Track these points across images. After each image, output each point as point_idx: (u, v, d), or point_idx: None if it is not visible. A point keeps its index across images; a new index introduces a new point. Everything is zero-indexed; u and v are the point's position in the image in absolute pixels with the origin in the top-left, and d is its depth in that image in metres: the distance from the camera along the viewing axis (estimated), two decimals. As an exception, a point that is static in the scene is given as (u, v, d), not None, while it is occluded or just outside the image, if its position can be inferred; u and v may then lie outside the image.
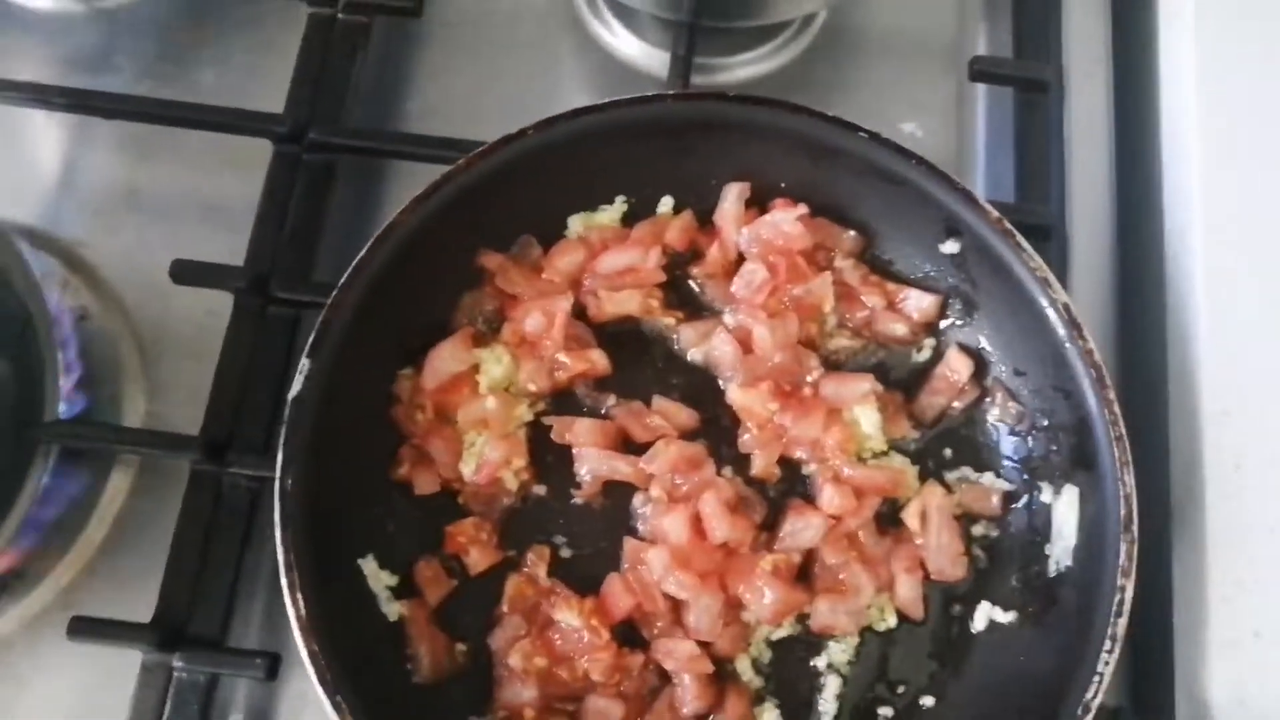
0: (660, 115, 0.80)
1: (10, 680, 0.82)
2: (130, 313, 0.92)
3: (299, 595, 0.68)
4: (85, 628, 0.77)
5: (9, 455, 0.71)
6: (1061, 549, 0.75)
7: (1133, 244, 0.91)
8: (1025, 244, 0.76)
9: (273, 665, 0.77)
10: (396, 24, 1.00)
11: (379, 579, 0.76)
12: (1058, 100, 0.92)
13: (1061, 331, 0.74)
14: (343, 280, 0.74)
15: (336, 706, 0.66)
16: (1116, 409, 0.72)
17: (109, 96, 0.91)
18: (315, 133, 0.89)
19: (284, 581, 0.68)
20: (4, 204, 0.93)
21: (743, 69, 1.00)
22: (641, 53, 1.01)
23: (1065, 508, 0.75)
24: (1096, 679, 0.66)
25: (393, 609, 0.75)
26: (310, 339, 0.73)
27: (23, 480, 0.74)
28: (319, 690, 0.67)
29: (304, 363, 0.72)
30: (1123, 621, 0.67)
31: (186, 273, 0.85)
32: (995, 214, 0.77)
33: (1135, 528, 0.69)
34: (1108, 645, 0.67)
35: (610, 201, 0.85)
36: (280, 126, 0.90)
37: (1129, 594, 0.68)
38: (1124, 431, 0.71)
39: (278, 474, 0.70)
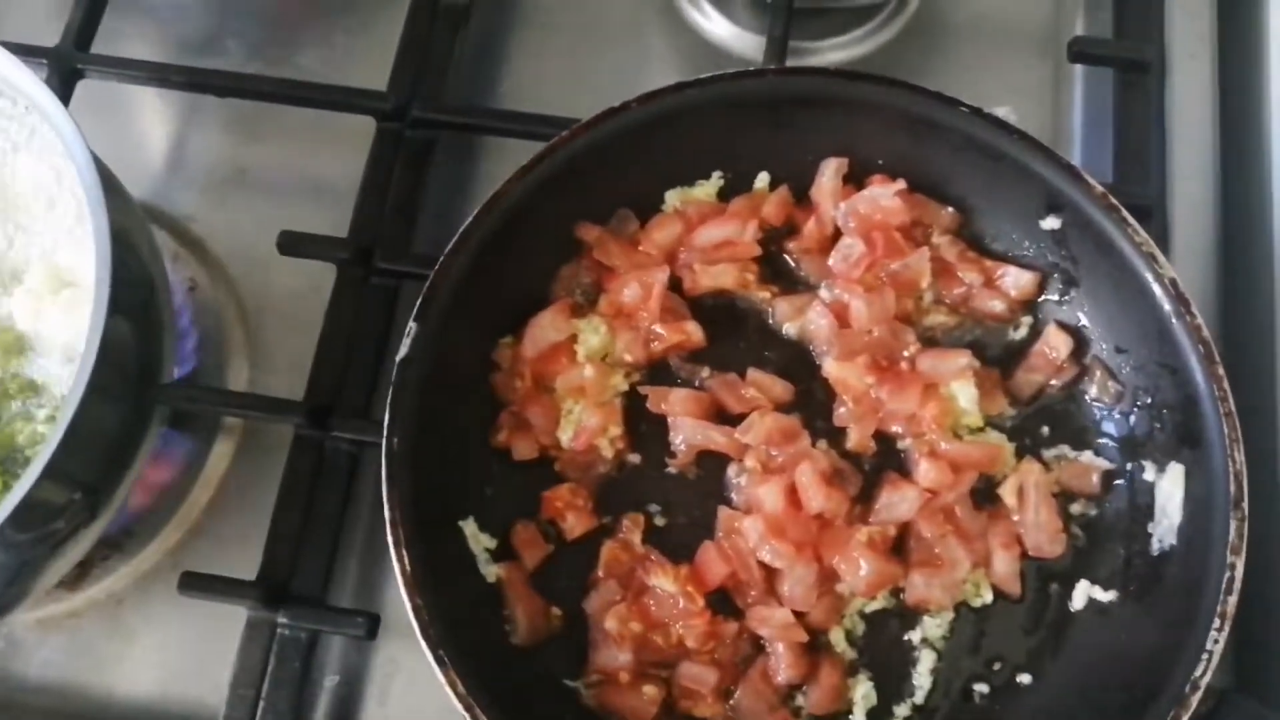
0: (760, 90, 0.80)
1: (121, 635, 0.85)
2: (236, 285, 0.95)
3: (404, 551, 0.70)
4: (194, 582, 0.80)
5: (129, 415, 0.74)
6: (1166, 527, 0.74)
7: (1238, 224, 0.89)
8: (1130, 218, 0.75)
9: (373, 625, 0.79)
10: (494, 5, 1.02)
11: (478, 540, 0.77)
12: (1159, 80, 0.91)
13: (1167, 307, 0.73)
14: (450, 246, 0.76)
15: (439, 661, 0.68)
16: (1225, 385, 0.70)
17: (224, 75, 0.95)
18: (418, 110, 0.92)
19: (390, 538, 0.70)
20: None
21: (835, 52, 1.00)
22: (734, 36, 1.01)
23: (1170, 486, 0.74)
24: (1205, 656, 0.65)
25: (491, 570, 0.77)
26: (417, 304, 0.75)
27: (141, 440, 0.77)
28: (422, 644, 0.68)
29: (411, 326, 0.74)
30: (1233, 599, 0.66)
31: (293, 244, 0.88)
32: (1099, 188, 0.76)
33: (1245, 505, 0.68)
34: (1216, 624, 0.66)
35: (707, 176, 0.86)
36: (384, 104, 0.92)
37: (1239, 571, 0.67)
38: (1233, 408, 0.70)
39: (384, 433, 0.72)
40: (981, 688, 0.75)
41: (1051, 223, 0.80)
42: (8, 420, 0.71)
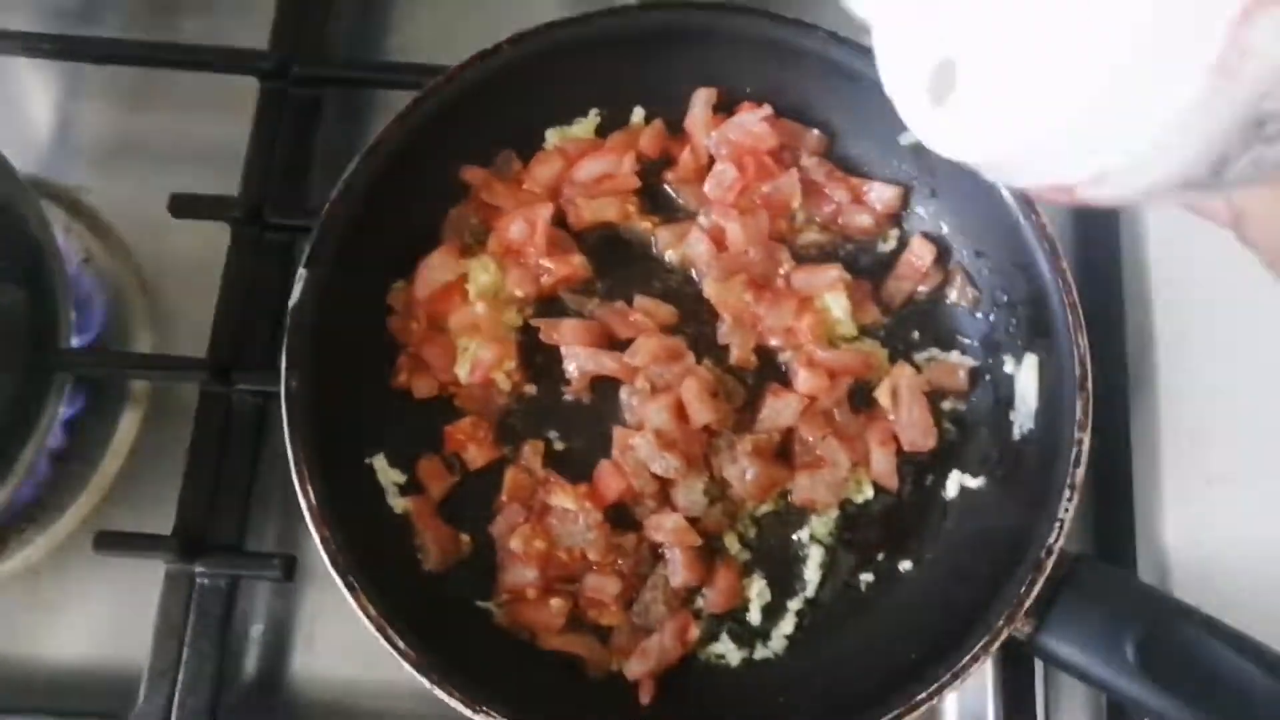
0: (628, 25, 0.83)
1: (40, 607, 0.86)
2: (132, 253, 0.95)
3: (308, 486, 0.72)
4: (109, 541, 0.81)
5: (26, 384, 0.75)
6: (1025, 413, 0.79)
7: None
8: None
9: (289, 565, 0.81)
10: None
11: (387, 475, 0.80)
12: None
13: (1016, 209, 0.78)
14: (333, 194, 0.78)
15: (350, 587, 0.71)
16: (1069, 277, 0.76)
17: (98, 42, 0.94)
18: (299, 67, 0.93)
19: (294, 475, 0.73)
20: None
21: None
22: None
23: (1027, 375, 0.79)
24: (1058, 525, 0.71)
25: (399, 503, 0.80)
26: (306, 251, 0.77)
27: (40, 409, 0.78)
28: (332, 572, 0.72)
29: (301, 272, 0.77)
30: (1080, 471, 0.72)
31: (184, 206, 0.88)
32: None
33: (1090, 385, 0.74)
34: (1067, 494, 0.71)
35: (584, 114, 0.89)
36: (265, 63, 0.93)
37: (1085, 445, 0.72)
38: (1077, 298, 0.76)
39: (282, 377, 0.74)
40: (867, 577, 0.81)
41: (909, 138, 0.84)
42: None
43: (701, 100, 0.86)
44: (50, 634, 0.86)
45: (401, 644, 0.70)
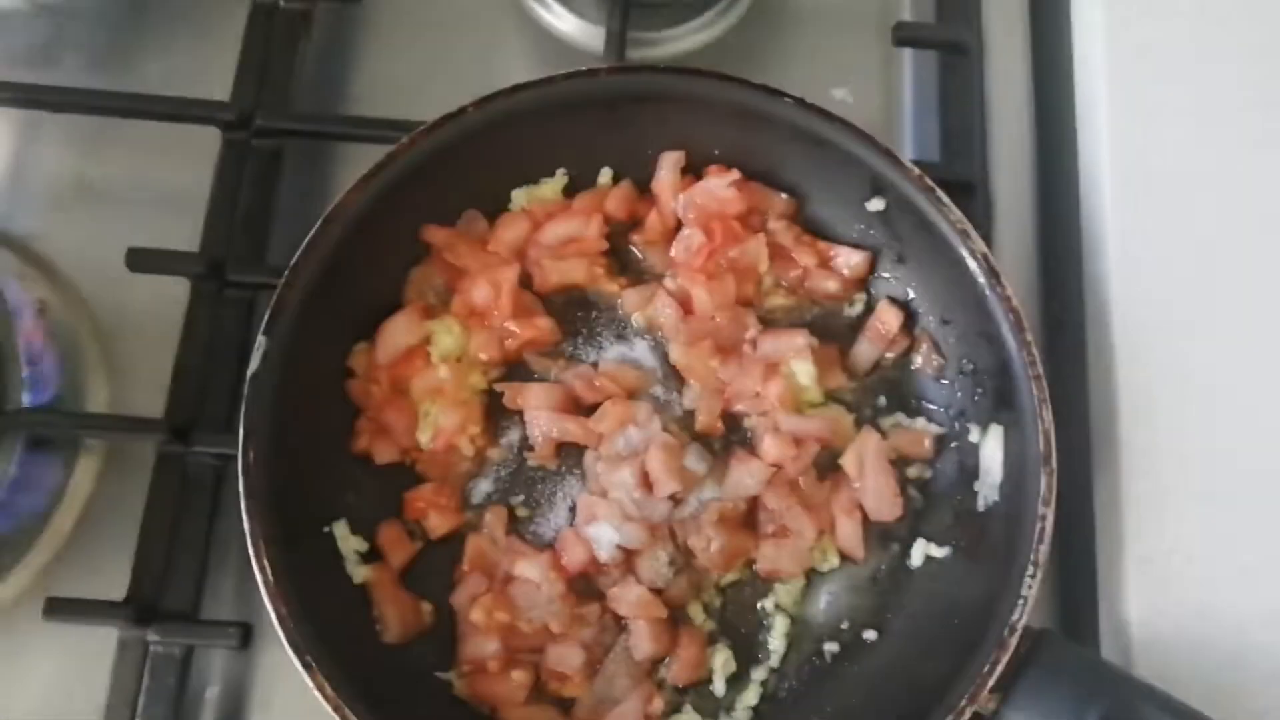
0: (594, 89, 0.83)
1: (-12, 665, 0.84)
2: (88, 303, 0.94)
3: (265, 562, 0.71)
4: (61, 607, 0.79)
5: (-24, 444, 0.73)
6: (989, 485, 0.79)
7: (1052, 198, 0.95)
8: (945, 198, 0.80)
9: (245, 634, 0.80)
10: (337, 9, 1.02)
11: (348, 542, 0.79)
12: (978, 61, 0.96)
13: (982, 279, 0.78)
14: (294, 259, 0.77)
15: (306, 666, 0.69)
16: (1034, 350, 0.76)
17: (57, 90, 0.92)
18: (262, 119, 0.92)
19: (250, 549, 0.72)
20: (-46, 202, 0.95)
21: (677, 43, 1.03)
22: (578, 29, 1.03)
23: (992, 446, 0.79)
24: (1021, 602, 0.71)
25: (359, 572, 0.79)
26: (265, 317, 0.76)
27: (-8, 468, 0.76)
28: (289, 651, 0.70)
29: (260, 340, 0.75)
30: (1044, 548, 0.72)
31: (142, 260, 0.87)
32: (916, 171, 0.81)
33: (1054, 460, 0.74)
34: (1030, 570, 0.71)
35: (551, 174, 0.88)
36: (227, 114, 0.92)
37: (1049, 522, 0.72)
38: (1041, 371, 0.76)
39: (240, 447, 0.73)
40: (832, 647, 0.80)
41: (876, 204, 0.84)
42: None
43: (669, 163, 0.86)
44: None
45: (363, 726, 0.68)
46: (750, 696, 0.79)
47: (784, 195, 0.87)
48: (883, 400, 0.86)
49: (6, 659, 0.84)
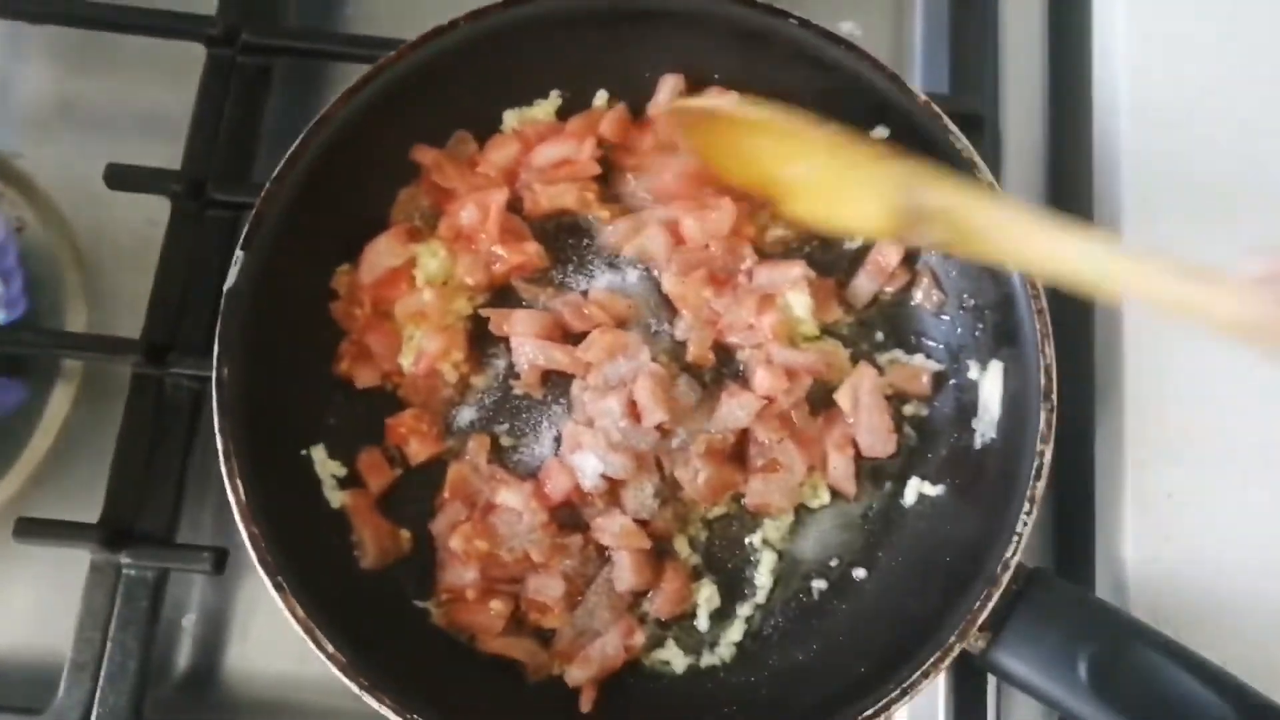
0: (593, 4, 0.80)
1: (-41, 588, 0.83)
2: (68, 223, 0.91)
3: (238, 482, 0.69)
4: (31, 529, 0.78)
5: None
6: (987, 422, 0.77)
7: (1063, 133, 0.92)
8: (952, 126, 0.77)
9: (219, 558, 0.78)
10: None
11: (326, 467, 0.77)
12: (992, -5, 0.93)
13: (986, 211, 0.75)
14: (275, 172, 0.74)
15: (278, 587, 0.68)
16: (1039, 284, 0.73)
17: (37, 0, 0.89)
18: (249, 34, 0.88)
19: (223, 469, 0.70)
20: (-70, 116, 0.93)
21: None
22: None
23: (991, 383, 0.77)
24: (1015, 539, 0.69)
25: (336, 497, 0.77)
26: (244, 231, 0.74)
27: (-37, 387, 0.74)
28: (260, 571, 0.68)
29: (238, 254, 0.73)
30: (1041, 484, 0.70)
31: (121, 177, 0.84)
32: (923, 98, 0.78)
33: (1054, 397, 0.71)
34: (1026, 507, 0.69)
35: (545, 95, 0.85)
36: (213, 29, 0.89)
37: (1048, 458, 0.70)
38: (1045, 305, 0.73)
39: (214, 364, 0.71)
40: (819, 584, 0.79)
41: (880, 132, 0.81)
42: None
43: (669, 86, 0.83)
44: (-34, 619, 0.82)
45: (330, 648, 0.67)
46: (734, 633, 0.77)
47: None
48: (880, 335, 0.83)
49: (-22, 584, 0.83)
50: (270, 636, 0.82)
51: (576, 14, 0.80)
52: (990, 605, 0.67)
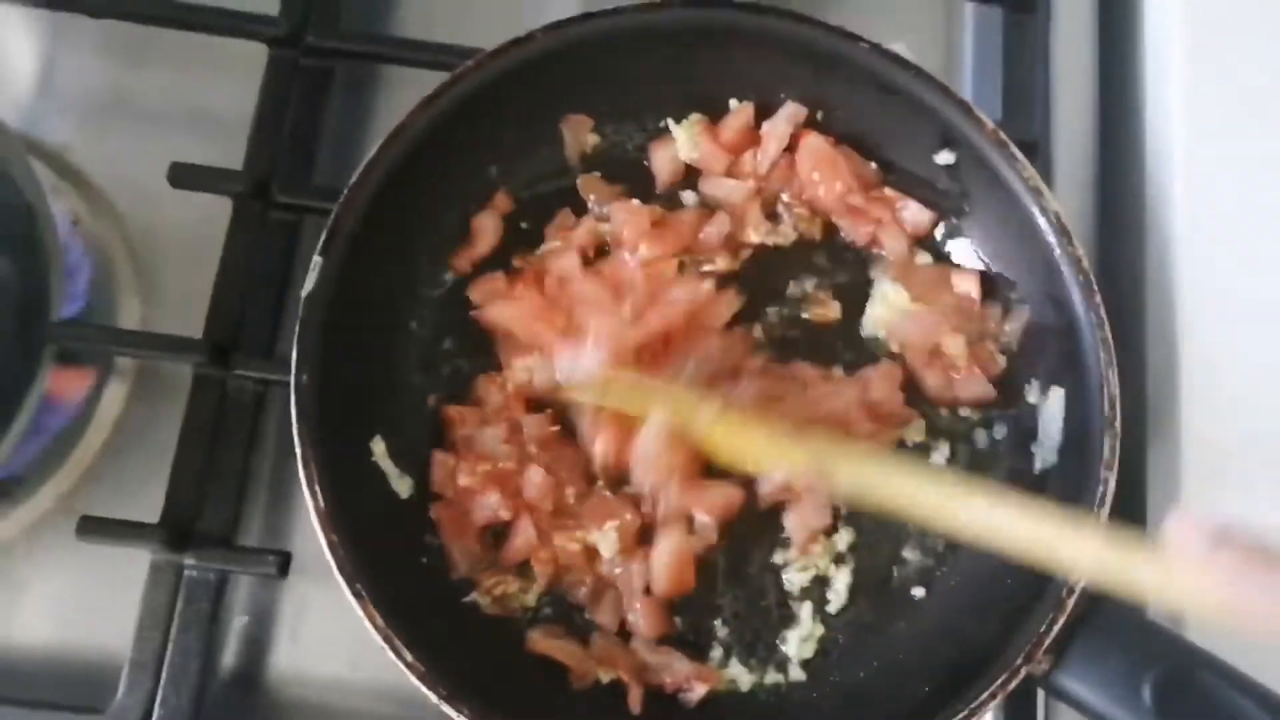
0: (666, 22, 0.80)
1: (11, 584, 0.82)
2: (122, 219, 0.91)
3: (317, 489, 0.69)
4: (94, 527, 0.77)
5: (16, 356, 0.71)
6: (1048, 448, 0.79)
7: (1114, 160, 0.94)
8: (1018, 154, 0.79)
9: (284, 562, 0.78)
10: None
11: (386, 461, 0.78)
12: (1044, 20, 0.95)
13: (1052, 239, 0.77)
14: (353, 179, 0.75)
15: (357, 595, 0.68)
16: (1103, 313, 0.75)
17: (99, -6, 0.89)
18: (312, 37, 0.89)
19: (302, 475, 0.70)
20: (-16, 106, 0.92)
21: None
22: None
23: (1052, 408, 0.79)
24: (1080, 564, 0.70)
25: (403, 485, 0.78)
26: (322, 237, 0.74)
27: (30, 382, 0.74)
28: (339, 578, 0.69)
29: (316, 260, 0.73)
30: (1104, 511, 0.71)
31: (185, 176, 0.84)
32: (991, 125, 0.79)
33: (1118, 424, 0.73)
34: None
35: (613, 111, 0.86)
36: (277, 29, 0.89)
37: (1111, 486, 0.72)
38: (1109, 335, 0.75)
39: (293, 370, 0.71)
40: (883, 600, 0.80)
41: (946, 157, 0.82)
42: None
43: (788, 115, 0.84)
44: (23, 614, 0.82)
45: (409, 656, 0.67)
46: (807, 650, 0.78)
47: (874, 165, 0.85)
48: (937, 360, 0.85)
49: (31, 579, 0.82)
50: (321, 640, 0.82)
51: (653, 29, 0.81)
52: (1056, 630, 0.69)
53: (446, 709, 0.67)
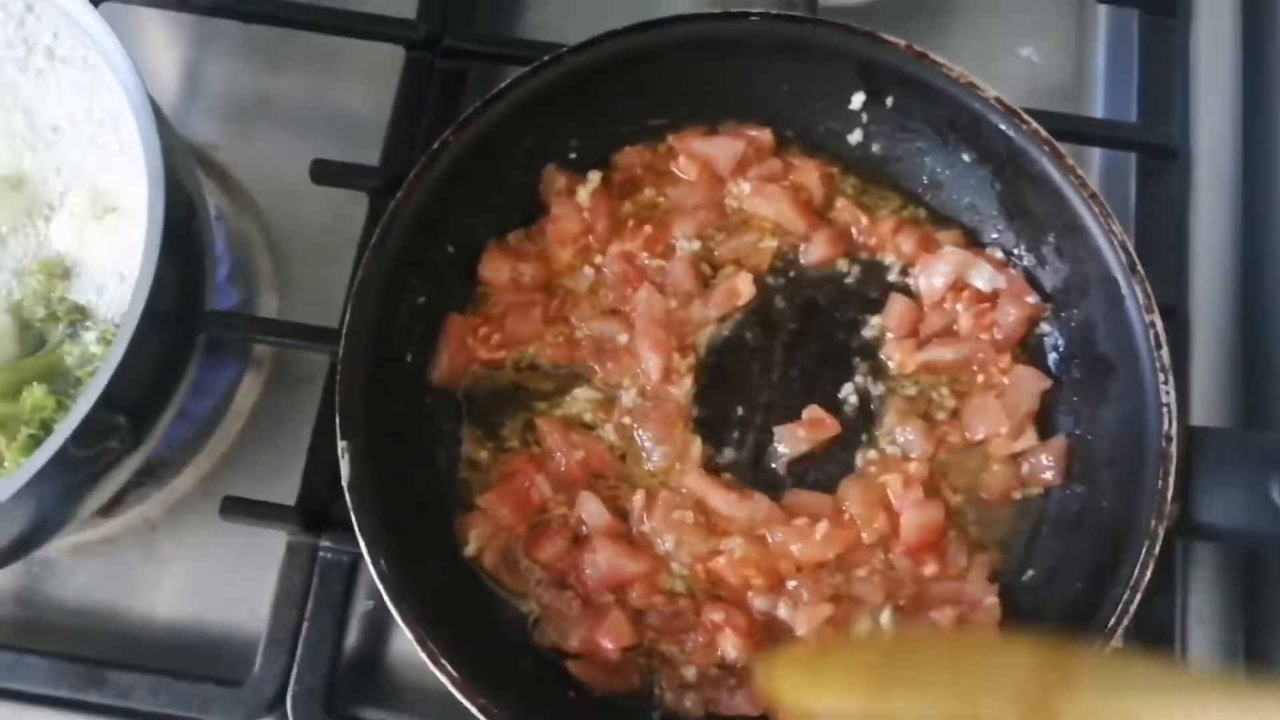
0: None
1: (155, 560, 0.87)
2: (262, 215, 0.95)
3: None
4: (237, 507, 0.81)
5: (175, 342, 0.74)
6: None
7: (1257, 168, 0.91)
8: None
9: (411, 549, 0.80)
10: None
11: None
12: (1184, 22, 0.92)
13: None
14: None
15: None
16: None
17: (252, 1, 0.93)
18: (449, 39, 0.91)
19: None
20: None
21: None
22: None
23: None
24: (1165, 410, 0.71)
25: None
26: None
27: (184, 367, 0.78)
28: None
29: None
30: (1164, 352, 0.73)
31: (326, 172, 0.87)
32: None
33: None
34: (1161, 378, 0.72)
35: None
36: (415, 32, 0.92)
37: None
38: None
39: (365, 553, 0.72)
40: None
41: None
42: (56, 342, 0.71)
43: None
44: (164, 589, 0.86)
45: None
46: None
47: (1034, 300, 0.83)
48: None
49: (172, 556, 0.87)
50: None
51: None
52: (1172, 478, 0.69)
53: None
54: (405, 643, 0.82)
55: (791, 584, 0.74)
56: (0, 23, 0.76)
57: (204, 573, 0.86)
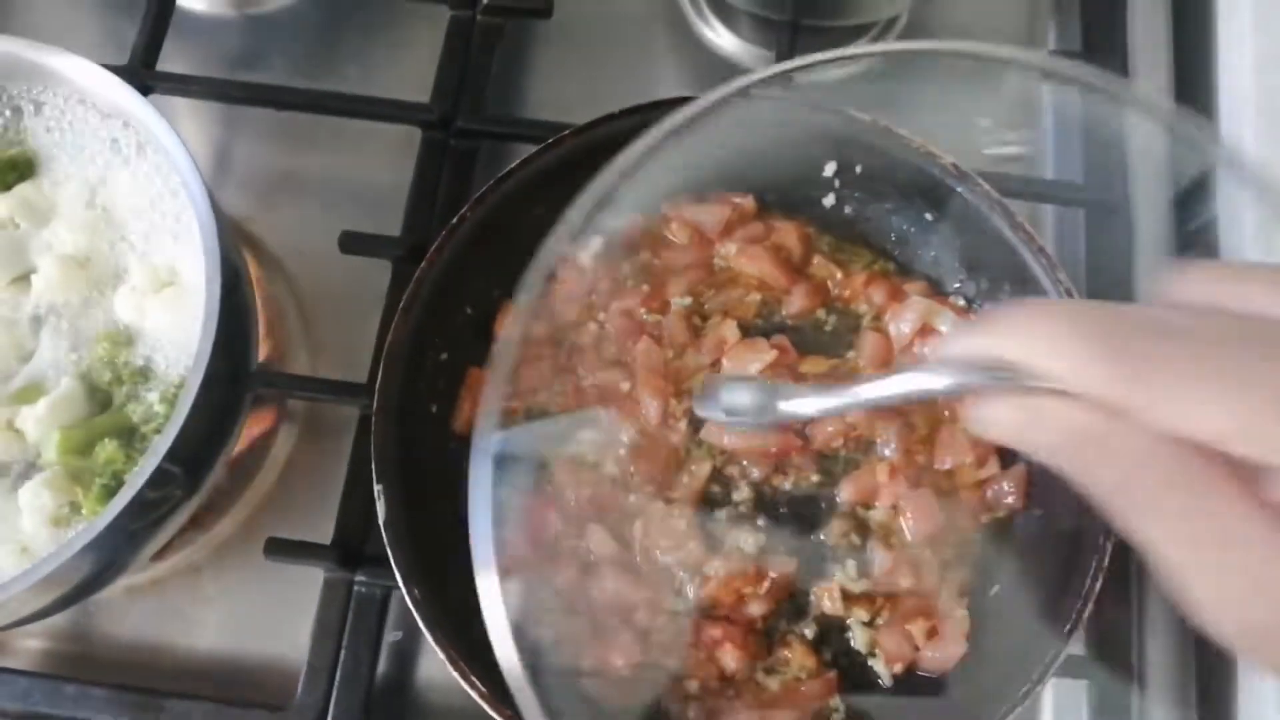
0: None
1: (202, 599, 0.94)
2: (292, 280, 1.04)
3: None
4: (279, 547, 0.88)
5: (227, 399, 0.83)
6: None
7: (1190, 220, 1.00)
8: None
9: (440, 583, 0.88)
10: (520, 24, 1.11)
11: None
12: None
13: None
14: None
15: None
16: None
17: (284, 90, 1.03)
18: (462, 120, 1.01)
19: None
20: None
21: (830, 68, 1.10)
22: (740, 49, 1.12)
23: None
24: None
25: None
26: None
27: (235, 422, 0.86)
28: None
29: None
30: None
31: (353, 242, 0.96)
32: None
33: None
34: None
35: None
36: (430, 115, 1.01)
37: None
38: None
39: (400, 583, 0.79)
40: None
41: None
42: (122, 402, 0.80)
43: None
44: (209, 626, 0.94)
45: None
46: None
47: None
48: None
49: (216, 596, 0.94)
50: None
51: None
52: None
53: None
54: (432, 669, 0.92)
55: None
56: (95, 128, 0.86)
57: (247, 609, 0.94)
